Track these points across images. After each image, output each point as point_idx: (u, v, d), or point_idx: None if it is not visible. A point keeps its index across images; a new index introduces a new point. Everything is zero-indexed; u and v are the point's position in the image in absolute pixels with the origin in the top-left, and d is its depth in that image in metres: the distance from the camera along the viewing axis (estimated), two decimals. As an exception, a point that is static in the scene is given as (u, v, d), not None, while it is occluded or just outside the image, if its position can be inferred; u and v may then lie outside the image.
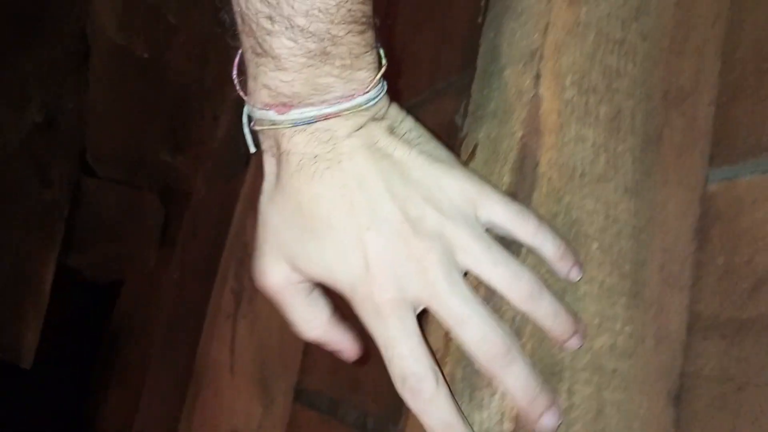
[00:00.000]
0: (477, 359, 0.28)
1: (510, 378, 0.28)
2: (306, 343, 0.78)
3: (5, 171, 1.49)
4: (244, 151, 1.28)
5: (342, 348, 0.33)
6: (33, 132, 1.52)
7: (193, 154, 1.33)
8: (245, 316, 0.76)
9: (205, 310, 0.84)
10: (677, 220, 0.33)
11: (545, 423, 0.27)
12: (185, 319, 1.21)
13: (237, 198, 0.92)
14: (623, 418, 0.31)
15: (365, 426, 0.61)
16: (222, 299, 0.76)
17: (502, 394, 0.29)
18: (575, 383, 0.30)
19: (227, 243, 0.82)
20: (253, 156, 0.91)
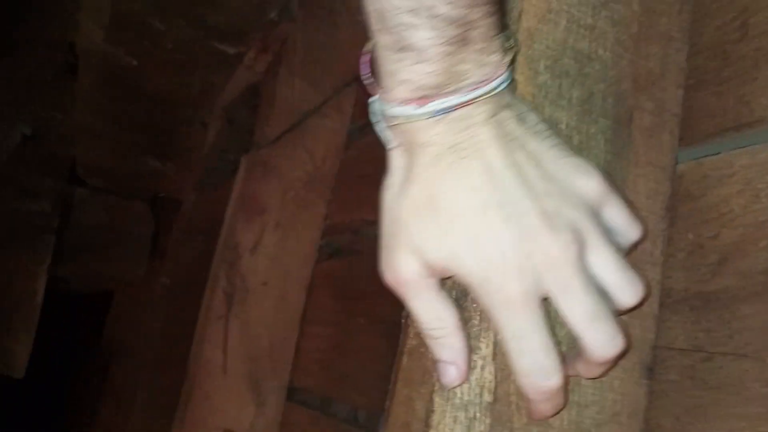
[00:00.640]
0: (597, 358, 0.28)
1: (608, 367, 0.29)
2: (299, 341, 0.79)
3: (-6, 184, 1.49)
4: (232, 158, 1.29)
5: (456, 359, 0.30)
6: (21, 145, 1.52)
7: (182, 161, 1.34)
8: (237, 316, 0.76)
9: (197, 315, 0.84)
10: (648, 198, 0.35)
11: None
12: (177, 326, 1.22)
13: (226, 203, 0.93)
14: (599, 390, 0.32)
15: (356, 420, 0.62)
16: (213, 301, 0.77)
17: (481, 366, 0.30)
18: (553, 355, 0.31)
19: (218, 246, 0.83)
20: (242, 164, 0.91)
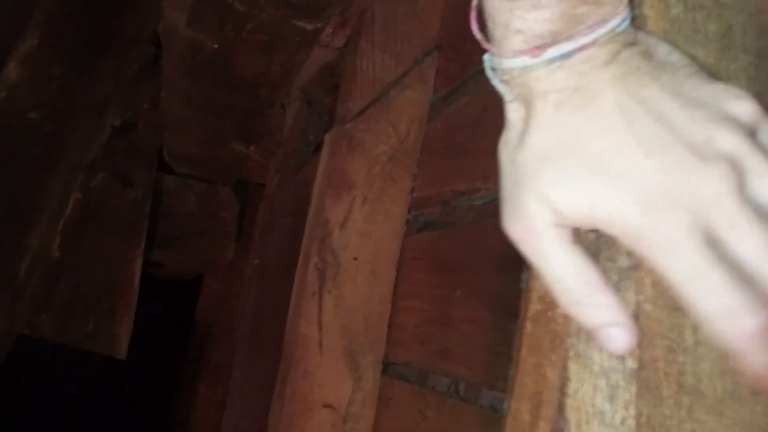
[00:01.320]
0: None
1: None
2: (391, 316, 0.78)
3: (90, 177, 1.56)
4: (312, 139, 1.29)
5: (617, 318, 0.26)
6: (112, 136, 1.58)
7: (265, 144, 1.36)
8: (330, 292, 0.76)
9: (289, 293, 0.85)
10: (799, 141, 0.31)
11: None
12: (269, 305, 1.24)
13: (310, 183, 0.93)
14: (753, 353, 0.29)
15: (458, 392, 0.61)
16: (306, 277, 0.77)
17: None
18: (699, 317, 0.28)
19: (308, 222, 0.83)
20: (327, 140, 0.90)
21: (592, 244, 0.29)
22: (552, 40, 0.27)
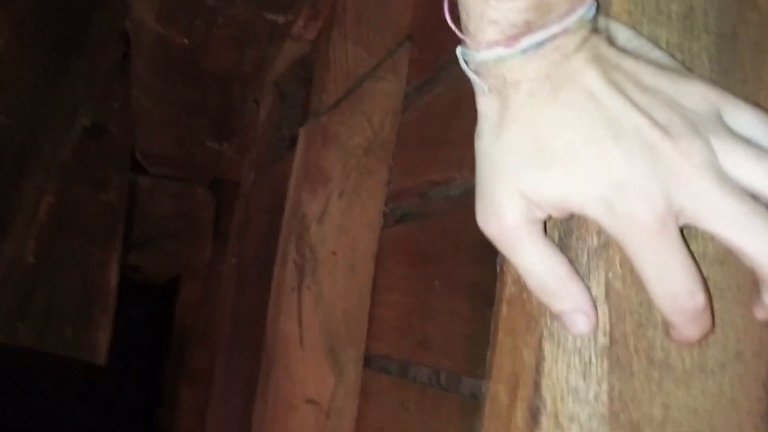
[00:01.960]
0: (761, 267, 0.26)
1: None
2: (371, 310, 0.78)
3: (62, 180, 1.54)
4: (286, 134, 1.29)
5: (581, 305, 0.27)
6: (84, 138, 1.56)
7: (238, 141, 1.35)
8: (309, 287, 0.76)
9: (268, 291, 0.85)
10: (761, 119, 0.31)
11: None
12: (248, 305, 1.24)
13: (285, 178, 0.93)
14: (720, 327, 0.29)
15: (439, 382, 0.61)
16: (285, 273, 0.77)
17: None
18: (669, 293, 0.28)
19: (284, 218, 0.83)
20: (302, 134, 0.90)
21: (564, 224, 0.29)
22: (526, 29, 0.27)
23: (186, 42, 0.89)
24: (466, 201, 0.62)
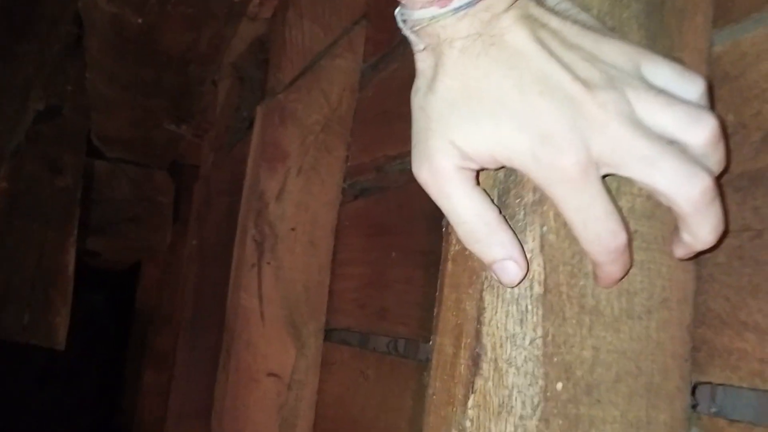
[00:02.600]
0: (677, 201, 0.28)
1: (711, 218, 0.28)
2: (331, 283, 0.80)
3: (16, 164, 1.50)
4: (245, 115, 1.28)
5: (512, 253, 0.29)
6: (37, 121, 1.53)
7: (197, 123, 1.34)
8: (269, 263, 0.77)
9: (229, 270, 0.86)
10: (685, 84, 0.34)
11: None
12: (209, 285, 1.24)
13: (245, 160, 0.93)
14: (647, 276, 0.32)
15: (396, 349, 0.63)
16: (244, 250, 0.78)
17: (529, 260, 0.30)
18: (599, 246, 0.31)
19: (243, 195, 0.83)
20: (259, 112, 0.90)
21: (501, 182, 0.31)
22: None
23: (140, 21, 0.88)
24: (420, 174, 0.64)
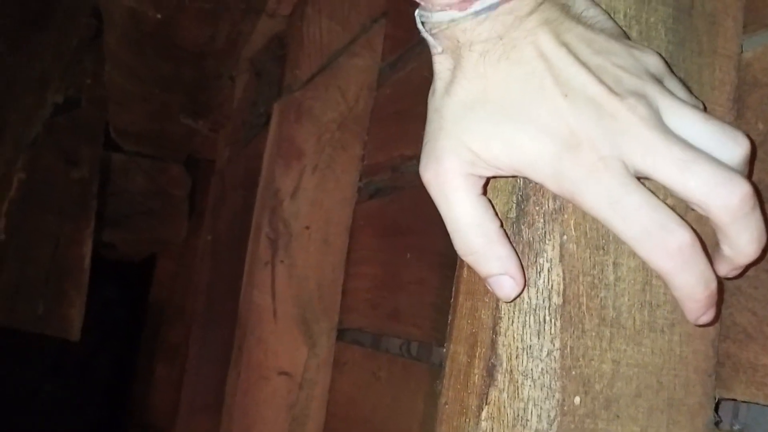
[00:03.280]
0: (710, 206, 0.26)
1: (752, 227, 0.26)
2: (345, 283, 0.79)
3: (33, 156, 1.51)
4: (262, 111, 1.28)
5: (508, 268, 0.28)
6: (55, 114, 1.53)
7: (214, 118, 1.34)
8: (282, 261, 0.77)
9: (242, 266, 0.85)
10: (714, 89, 0.33)
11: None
12: (223, 280, 1.24)
13: (261, 155, 0.93)
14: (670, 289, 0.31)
15: (410, 352, 0.62)
16: (258, 247, 0.78)
17: (548, 269, 0.29)
18: (620, 255, 0.30)
19: (258, 192, 0.83)
20: (276, 109, 0.90)
21: (520, 189, 0.30)
22: None
23: (158, 16, 0.88)
24: (436, 175, 0.63)
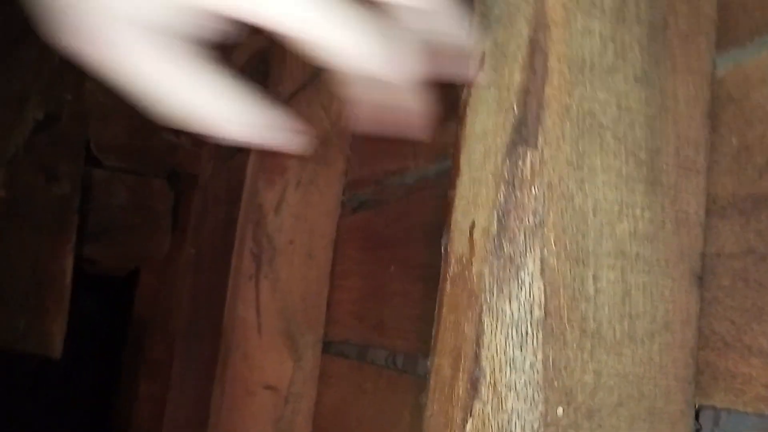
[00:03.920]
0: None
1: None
2: (329, 295, 0.79)
3: (13, 173, 1.50)
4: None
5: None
6: (35, 130, 1.52)
7: (196, 133, 1.34)
8: (267, 276, 0.77)
9: (225, 281, 0.85)
10: (688, 106, 0.34)
11: None
12: (206, 294, 1.23)
13: (243, 170, 0.93)
14: (649, 300, 0.31)
15: (395, 364, 0.63)
16: (242, 262, 0.78)
17: (529, 283, 0.29)
18: (600, 269, 0.30)
19: (241, 207, 0.83)
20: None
21: (501, 205, 0.31)
22: None
23: (140, 30, 0.88)
24: (419, 187, 0.63)
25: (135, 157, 1.51)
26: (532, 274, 0.29)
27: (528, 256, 0.30)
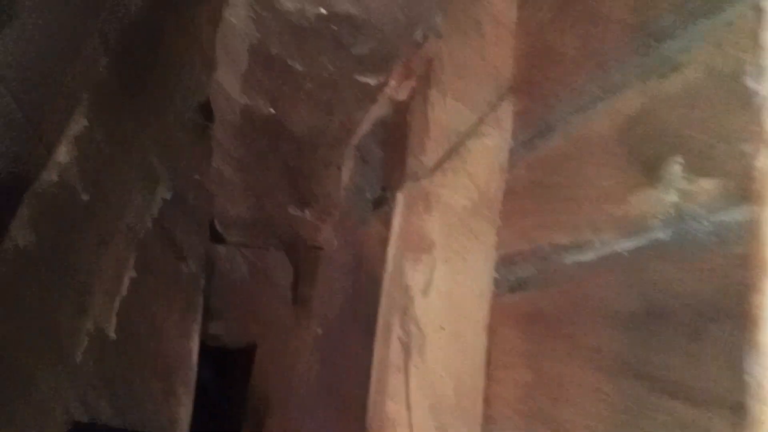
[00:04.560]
0: None
1: None
2: (486, 389, 0.70)
3: (144, 253, 1.53)
4: (368, 197, 1.24)
5: None
6: (164, 209, 1.56)
7: (321, 206, 1.31)
8: (417, 366, 0.69)
9: (354, 358, 0.79)
10: None
11: None
12: (333, 373, 1.17)
13: (369, 243, 0.87)
14: None
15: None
16: (389, 352, 0.70)
17: None
18: None
19: (383, 290, 0.76)
20: (400, 199, 0.84)
21: None
22: None
23: (272, 111, 0.87)
24: (605, 266, 0.54)
25: (258, 232, 1.51)
26: None
27: None
